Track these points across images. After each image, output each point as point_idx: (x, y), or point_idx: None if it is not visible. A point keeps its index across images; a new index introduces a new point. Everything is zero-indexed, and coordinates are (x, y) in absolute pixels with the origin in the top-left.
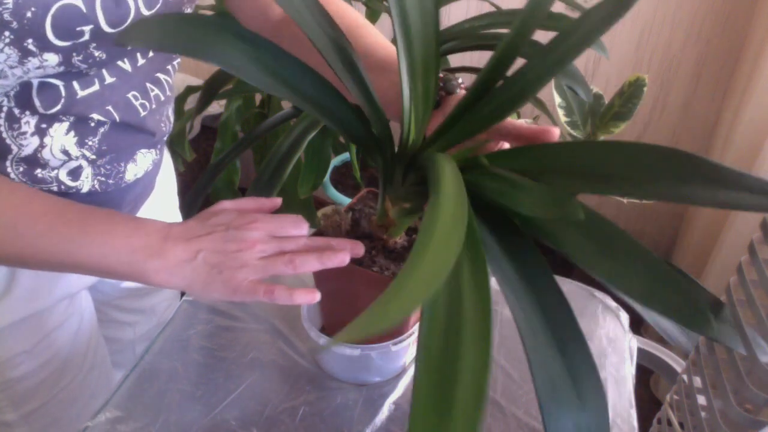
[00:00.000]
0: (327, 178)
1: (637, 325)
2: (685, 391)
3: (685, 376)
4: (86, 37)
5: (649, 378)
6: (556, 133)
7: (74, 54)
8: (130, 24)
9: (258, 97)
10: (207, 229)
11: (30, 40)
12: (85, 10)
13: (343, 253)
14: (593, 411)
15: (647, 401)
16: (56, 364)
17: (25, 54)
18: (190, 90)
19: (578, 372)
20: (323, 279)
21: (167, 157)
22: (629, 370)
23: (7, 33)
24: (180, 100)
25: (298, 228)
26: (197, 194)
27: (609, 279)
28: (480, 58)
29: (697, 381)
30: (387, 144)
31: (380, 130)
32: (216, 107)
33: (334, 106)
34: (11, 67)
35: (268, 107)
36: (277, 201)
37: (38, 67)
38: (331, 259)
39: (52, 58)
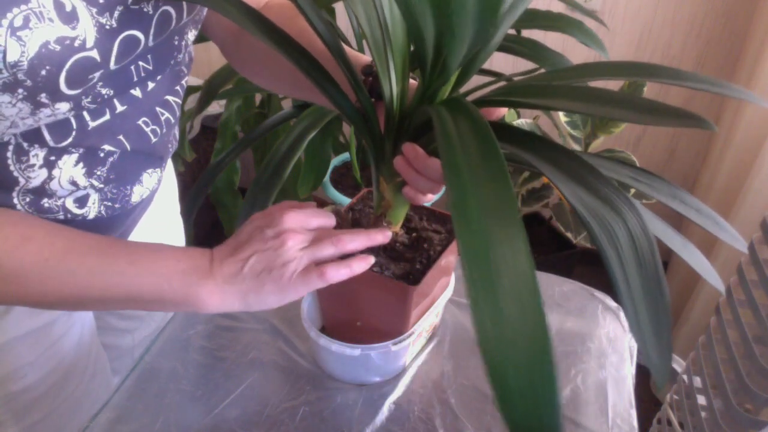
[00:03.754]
0: (327, 178)
1: None
2: (685, 391)
3: (685, 376)
4: (95, 80)
5: (649, 378)
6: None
7: (83, 98)
8: None
9: (258, 97)
10: (244, 238)
11: (43, 95)
12: (99, 60)
13: (385, 231)
14: (633, 219)
15: (647, 401)
16: (59, 374)
17: (37, 106)
18: (190, 90)
19: (606, 196)
20: None
21: (169, 167)
22: (629, 370)
23: (20, 90)
24: None
25: (328, 222)
26: (197, 194)
27: (607, 116)
28: None
29: (697, 381)
30: (373, 117)
31: (364, 103)
32: (216, 107)
33: (324, 79)
34: (23, 119)
35: (268, 107)
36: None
37: (49, 116)
38: (377, 236)
39: (63, 106)
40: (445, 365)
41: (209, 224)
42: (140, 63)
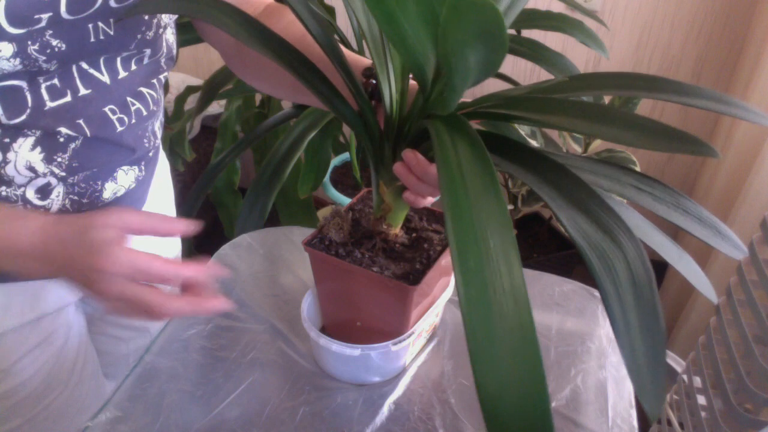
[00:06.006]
0: (327, 178)
1: None
2: (685, 391)
3: (685, 376)
4: (42, 24)
5: None
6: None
7: (29, 43)
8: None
9: (258, 97)
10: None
11: None
12: None
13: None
14: (632, 251)
15: None
16: (39, 380)
17: None
18: (190, 90)
19: (606, 225)
20: (323, 279)
21: (164, 168)
22: None
23: None
24: (180, 100)
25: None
26: (197, 194)
27: (610, 139)
28: None
29: (697, 381)
30: (372, 122)
31: (363, 107)
32: (216, 107)
33: (322, 85)
34: None
35: (268, 107)
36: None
37: None
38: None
39: (6, 48)
40: (445, 365)
41: (209, 224)
42: (99, 24)
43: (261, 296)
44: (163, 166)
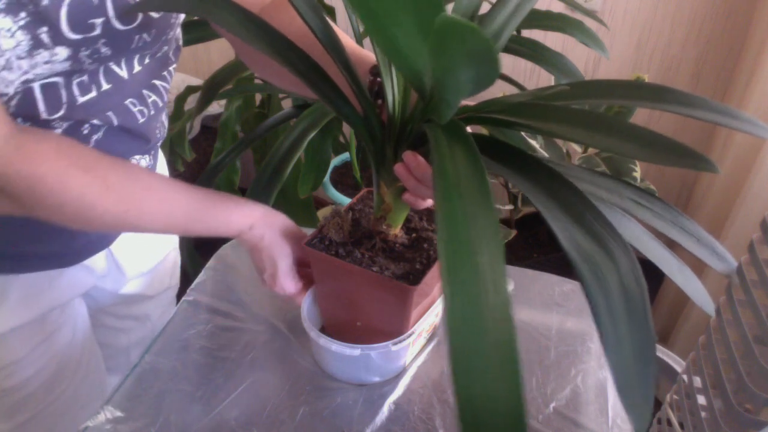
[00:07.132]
0: (327, 178)
1: None
2: (685, 391)
3: (685, 376)
4: (97, 31)
5: None
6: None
7: (83, 48)
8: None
9: (258, 97)
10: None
11: (44, 29)
12: (96, 2)
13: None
14: (626, 264)
15: None
16: (48, 373)
17: (36, 44)
18: (190, 90)
19: (600, 235)
20: (323, 279)
21: (162, 161)
22: None
23: (23, 14)
24: (180, 100)
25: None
26: None
27: (608, 150)
28: None
29: (697, 381)
30: (375, 122)
31: (365, 107)
32: (216, 107)
33: (324, 84)
34: (19, 58)
35: (268, 107)
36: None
37: (46, 62)
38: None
39: (62, 52)
40: (445, 365)
41: None
42: (144, 34)
43: (261, 296)
44: (160, 155)
